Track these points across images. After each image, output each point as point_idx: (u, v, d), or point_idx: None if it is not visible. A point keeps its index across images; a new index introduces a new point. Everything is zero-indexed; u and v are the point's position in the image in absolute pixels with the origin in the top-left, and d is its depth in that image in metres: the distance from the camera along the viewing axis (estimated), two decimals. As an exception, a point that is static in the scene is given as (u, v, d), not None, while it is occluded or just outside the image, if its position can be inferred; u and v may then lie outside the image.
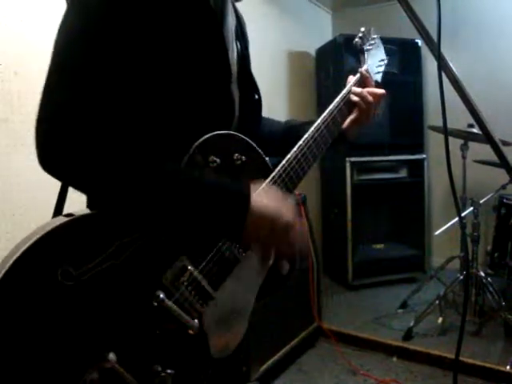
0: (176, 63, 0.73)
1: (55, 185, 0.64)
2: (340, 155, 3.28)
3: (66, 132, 0.64)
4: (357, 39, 1.10)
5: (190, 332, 0.72)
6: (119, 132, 0.69)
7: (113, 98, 0.68)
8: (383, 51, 1.16)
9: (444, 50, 0.77)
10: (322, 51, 3.65)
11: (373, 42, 1.12)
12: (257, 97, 0.94)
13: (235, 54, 0.88)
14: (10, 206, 1.67)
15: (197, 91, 0.76)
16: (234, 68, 0.86)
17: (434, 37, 0.78)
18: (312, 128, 0.92)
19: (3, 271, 0.57)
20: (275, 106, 1.14)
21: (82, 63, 0.65)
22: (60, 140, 0.64)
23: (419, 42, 3.38)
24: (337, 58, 3.35)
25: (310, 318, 2.50)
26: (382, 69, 1.15)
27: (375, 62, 1.13)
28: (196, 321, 0.72)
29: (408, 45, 3.34)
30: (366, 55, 1.11)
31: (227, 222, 0.71)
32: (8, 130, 1.67)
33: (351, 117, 1.02)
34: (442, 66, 0.78)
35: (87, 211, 0.67)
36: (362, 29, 1.10)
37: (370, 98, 1.01)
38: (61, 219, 0.63)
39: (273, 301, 1.86)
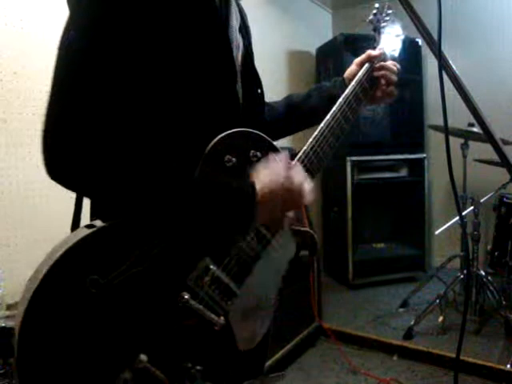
0: (182, 65, 0.73)
1: (54, 185, 0.64)
2: (340, 154, 3.28)
3: (73, 142, 0.62)
4: (371, 17, 1.07)
5: (216, 329, 0.74)
6: (129, 136, 0.68)
7: (121, 102, 0.67)
8: (399, 26, 1.12)
9: (444, 49, 0.77)
10: (323, 50, 3.64)
11: (387, 18, 1.09)
12: (259, 91, 0.94)
13: (240, 52, 0.87)
14: (10, 205, 1.67)
15: (203, 92, 0.76)
16: (238, 66, 0.86)
17: (435, 35, 0.77)
18: (328, 116, 0.92)
19: (36, 284, 0.58)
20: (275, 105, 1.14)
21: (86, 67, 0.64)
22: (68, 151, 0.62)
23: (419, 41, 3.38)
24: (337, 57, 3.35)
25: (311, 317, 2.50)
26: (399, 44, 1.12)
27: (391, 38, 1.11)
28: (222, 318, 0.74)
29: (408, 44, 3.33)
30: (380, 34, 1.08)
31: (240, 215, 0.72)
32: (8, 130, 1.68)
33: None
34: (443, 64, 0.77)
35: (108, 221, 0.66)
36: (377, 5, 1.07)
37: (394, 77, 1.04)
38: (84, 231, 0.63)
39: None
